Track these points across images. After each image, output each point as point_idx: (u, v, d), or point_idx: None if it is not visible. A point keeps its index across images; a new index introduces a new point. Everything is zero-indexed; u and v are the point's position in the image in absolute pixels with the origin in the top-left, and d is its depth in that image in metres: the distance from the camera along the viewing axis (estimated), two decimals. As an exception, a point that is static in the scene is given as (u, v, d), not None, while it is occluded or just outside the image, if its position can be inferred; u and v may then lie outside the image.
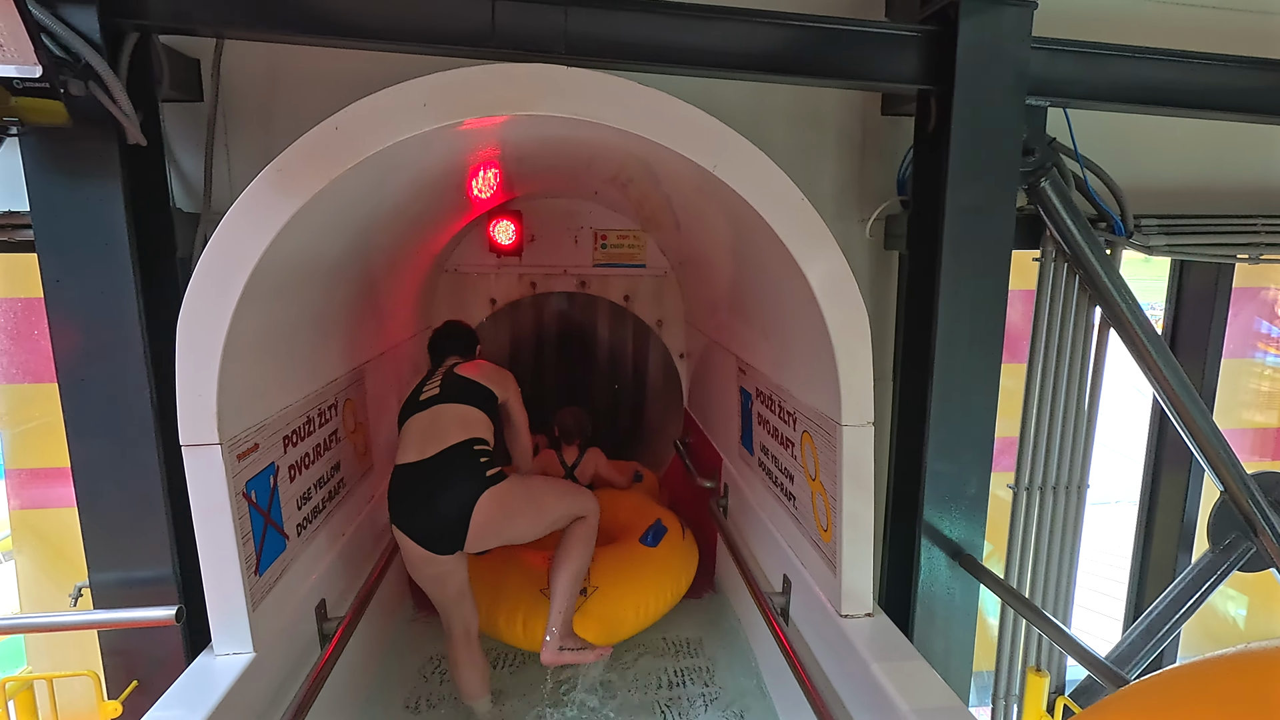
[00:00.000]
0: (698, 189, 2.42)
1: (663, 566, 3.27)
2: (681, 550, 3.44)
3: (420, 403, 2.82)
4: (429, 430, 2.70)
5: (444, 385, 2.87)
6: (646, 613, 3.14)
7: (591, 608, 3.00)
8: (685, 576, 3.38)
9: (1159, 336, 2.80)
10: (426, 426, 2.72)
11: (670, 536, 3.44)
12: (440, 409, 2.76)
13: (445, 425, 2.70)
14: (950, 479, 2.63)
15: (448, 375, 2.95)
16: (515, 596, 3.03)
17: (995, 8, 2.36)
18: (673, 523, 3.57)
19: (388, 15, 2.23)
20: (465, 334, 3.45)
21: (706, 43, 2.40)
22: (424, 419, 2.75)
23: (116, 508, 2.28)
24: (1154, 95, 2.63)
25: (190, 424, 1.96)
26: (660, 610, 3.22)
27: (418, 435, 2.71)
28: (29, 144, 2.07)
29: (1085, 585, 6.90)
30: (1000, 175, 2.48)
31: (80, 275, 2.17)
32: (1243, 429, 4.05)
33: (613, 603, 3.05)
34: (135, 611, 2.14)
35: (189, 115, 2.67)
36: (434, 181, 2.92)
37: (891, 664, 2.15)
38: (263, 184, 1.91)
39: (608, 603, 3.03)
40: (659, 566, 3.26)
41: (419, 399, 2.86)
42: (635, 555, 3.29)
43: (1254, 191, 3.35)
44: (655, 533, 3.41)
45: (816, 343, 2.29)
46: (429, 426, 2.71)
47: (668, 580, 3.25)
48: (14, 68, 1.87)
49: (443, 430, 2.69)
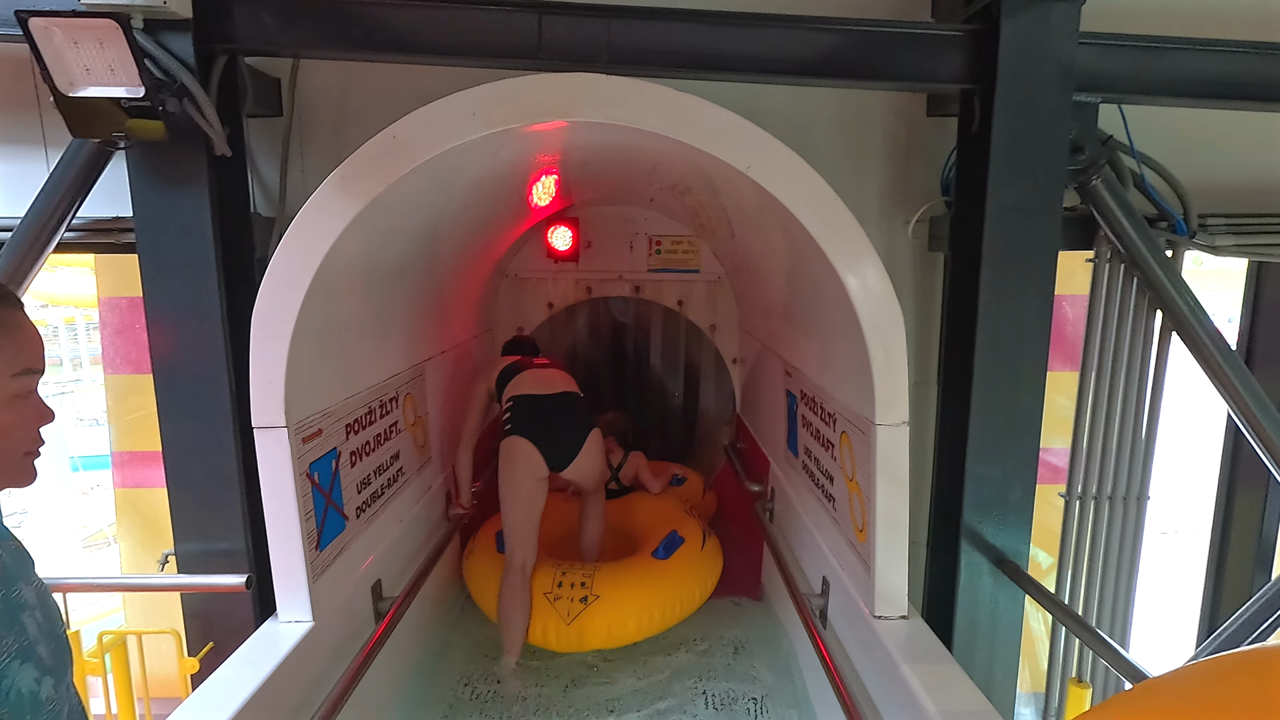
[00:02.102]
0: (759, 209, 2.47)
1: (671, 578, 3.29)
2: (697, 561, 3.44)
3: (535, 365, 3.52)
4: (543, 379, 3.41)
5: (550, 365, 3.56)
6: (650, 621, 3.17)
7: (592, 615, 3.08)
8: (699, 587, 3.38)
9: (1226, 343, 2.65)
10: (540, 377, 3.42)
11: (686, 547, 3.45)
12: (548, 369, 3.49)
13: (556, 379, 3.43)
14: (992, 483, 2.57)
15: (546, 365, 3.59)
16: None
17: (1039, 4, 2.33)
18: (693, 533, 3.56)
19: (444, 33, 2.41)
20: (531, 344, 4.10)
21: (748, 49, 2.47)
22: (536, 373, 3.45)
23: (199, 485, 2.52)
24: (1214, 89, 2.51)
25: (261, 408, 2.15)
26: (668, 620, 3.24)
27: (533, 380, 3.40)
28: (132, 157, 2.34)
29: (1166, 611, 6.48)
30: (1045, 174, 2.43)
31: (173, 274, 2.43)
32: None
33: (614, 612, 3.11)
34: (210, 577, 2.36)
35: (269, 129, 2.93)
36: (494, 189, 3.09)
37: (922, 666, 2.13)
38: (328, 189, 2.09)
39: (607, 612, 3.10)
40: (667, 578, 3.29)
41: (532, 363, 3.54)
42: (643, 567, 3.34)
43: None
44: (668, 545, 3.45)
45: (852, 342, 2.30)
46: (542, 377, 3.42)
47: (676, 592, 3.27)
48: (122, 89, 2.14)
49: (555, 381, 3.42)
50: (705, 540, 3.57)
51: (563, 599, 3.11)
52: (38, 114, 2.91)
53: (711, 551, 3.57)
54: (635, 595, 3.16)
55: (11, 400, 1.00)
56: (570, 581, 3.17)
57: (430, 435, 3.51)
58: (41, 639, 1.02)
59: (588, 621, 3.06)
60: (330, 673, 2.33)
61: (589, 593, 3.11)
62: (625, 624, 3.11)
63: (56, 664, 1.03)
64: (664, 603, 3.20)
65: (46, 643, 1.03)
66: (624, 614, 3.11)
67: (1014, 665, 2.72)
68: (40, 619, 1.04)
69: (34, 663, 0.99)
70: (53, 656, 1.03)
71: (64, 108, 2.15)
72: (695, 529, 3.61)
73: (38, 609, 1.05)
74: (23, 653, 0.98)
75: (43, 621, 1.04)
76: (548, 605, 3.11)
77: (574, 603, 3.09)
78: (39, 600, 1.07)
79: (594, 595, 3.11)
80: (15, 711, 0.94)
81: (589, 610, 3.07)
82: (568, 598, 3.11)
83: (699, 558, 3.46)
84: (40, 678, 0.99)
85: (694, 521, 3.69)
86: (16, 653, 0.97)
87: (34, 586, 1.07)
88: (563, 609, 3.08)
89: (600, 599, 3.10)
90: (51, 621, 1.06)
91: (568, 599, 3.11)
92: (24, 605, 1.02)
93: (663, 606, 3.20)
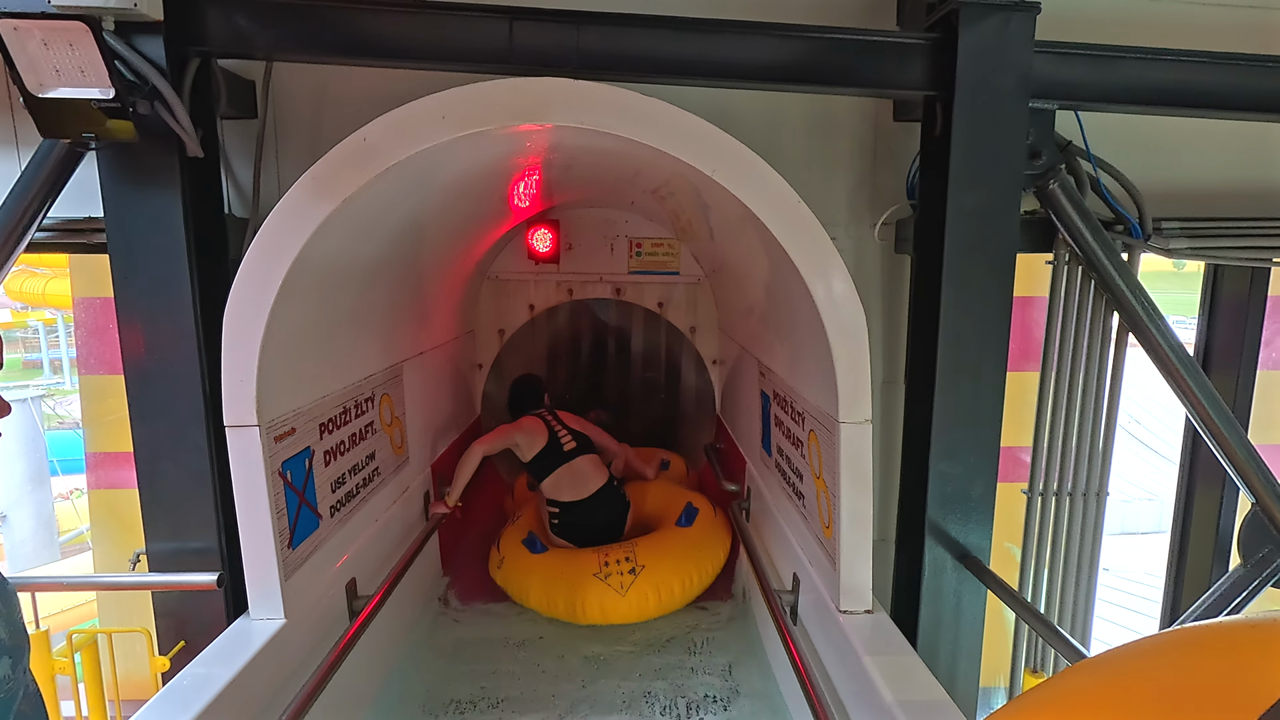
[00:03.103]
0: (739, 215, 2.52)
1: (699, 542, 3.60)
2: (715, 527, 3.74)
3: (565, 453, 3.85)
4: (577, 478, 3.81)
5: (575, 439, 3.91)
6: (691, 584, 3.46)
7: (642, 584, 3.31)
8: (722, 549, 3.67)
9: (1180, 343, 2.73)
10: (579, 474, 3.81)
11: (703, 516, 3.76)
12: (581, 462, 3.84)
13: (589, 472, 3.83)
14: (955, 480, 2.64)
15: (571, 431, 3.96)
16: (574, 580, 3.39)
17: (995, 13, 2.40)
18: (703, 504, 3.85)
19: (417, 37, 2.44)
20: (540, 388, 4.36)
21: (716, 55, 2.52)
22: (574, 469, 3.82)
23: (171, 483, 2.53)
24: (1165, 96, 2.60)
25: (233, 407, 2.18)
26: (704, 580, 3.54)
27: (571, 482, 3.80)
28: (104, 157, 2.35)
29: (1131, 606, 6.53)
30: (1003, 178, 2.50)
31: (144, 274, 2.44)
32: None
33: (660, 577, 3.36)
34: (181, 575, 2.37)
35: (244, 131, 2.95)
36: (471, 190, 3.12)
37: (883, 658, 2.18)
38: (299, 190, 2.12)
39: (655, 579, 3.34)
40: (696, 542, 3.60)
41: (562, 450, 3.86)
42: (674, 536, 3.64)
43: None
44: (688, 514, 3.75)
45: (818, 342, 2.35)
46: (577, 475, 3.81)
47: (706, 554, 3.58)
48: (93, 90, 2.15)
49: (588, 477, 3.81)
50: (716, 510, 3.87)
51: (613, 574, 3.34)
52: (9, 114, 2.91)
53: (721, 518, 3.84)
54: (676, 559, 3.47)
55: None
56: (615, 559, 3.41)
57: (408, 436, 3.53)
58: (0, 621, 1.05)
59: (639, 591, 3.31)
60: (302, 670, 2.34)
61: (635, 564, 3.37)
62: (672, 589, 3.38)
63: (14, 646, 1.06)
64: (699, 564, 3.50)
65: (4, 624, 1.05)
66: (670, 578, 3.38)
67: (977, 658, 2.78)
68: None
69: None
70: (10, 638, 1.05)
71: (34, 108, 2.16)
72: (704, 500, 3.92)
73: None
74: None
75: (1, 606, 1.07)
76: (599, 584, 3.32)
77: (624, 575, 3.33)
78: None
79: (640, 565, 3.36)
80: None
81: (639, 580, 3.32)
82: (617, 572, 3.34)
83: (715, 523, 3.76)
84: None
85: (699, 495, 3.99)
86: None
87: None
88: (615, 583, 3.31)
89: (646, 568, 3.36)
90: (9, 606, 1.09)
91: (618, 573, 3.34)
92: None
93: (699, 567, 3.49)
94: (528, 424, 3.96)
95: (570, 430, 3.96)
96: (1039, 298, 3.18)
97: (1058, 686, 1.07)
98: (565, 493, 3.78)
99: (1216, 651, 0.81)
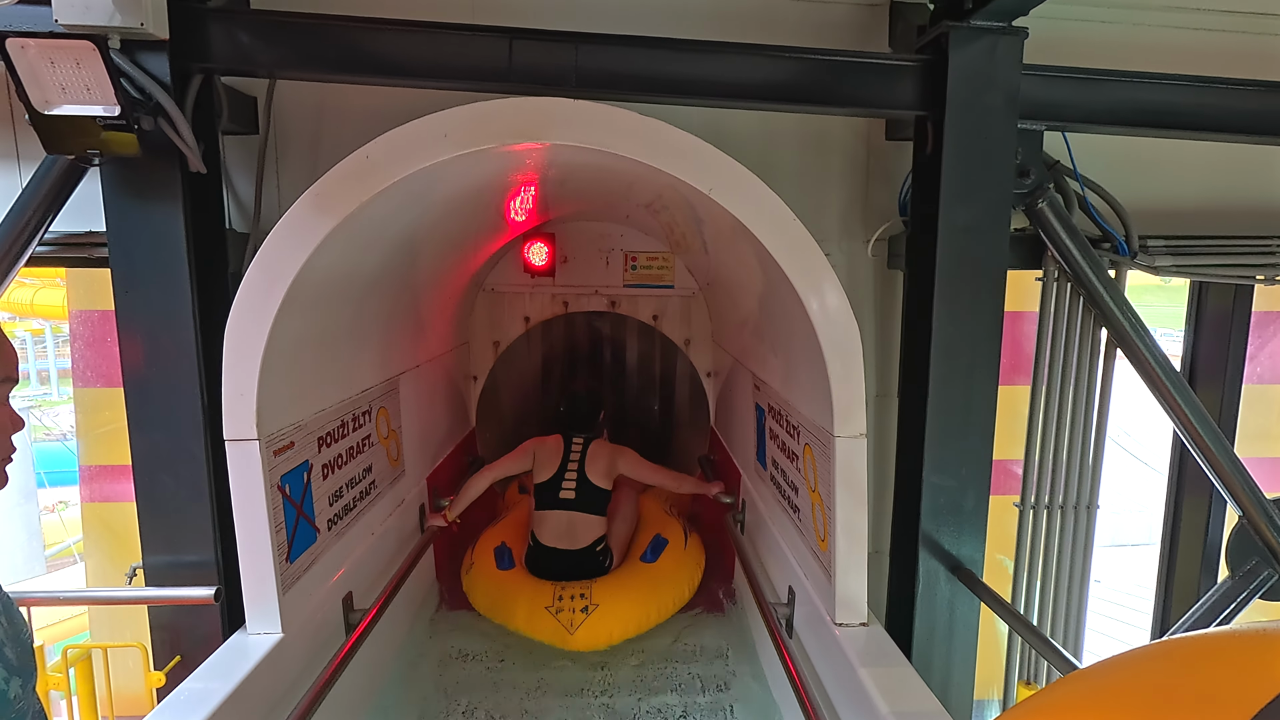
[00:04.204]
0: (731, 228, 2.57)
1: (661, 578, 3.52)
2: (683, 560, 3.66)
3: (559, 500, 3.59)
4: (567, 530, 3.56)
5: (579, 490, 3.60)
6: (647, 619, 3.38)
7: (593, 622, 3.23)
8: (687, 583, 3.60)
9: (1166, 358, 2.78)
10: (565, 526, 3.56)
11: (671, 548, 3.68)
12: (575, 516, 3.58)
13: (576, 530, 3.57)
14: (948, 492, 2.67)
15: (581, 478, 3.63)
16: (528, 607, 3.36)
17: (984, 36, 2.46)
18: (674, 534, 3.77)
19: (417, 56, 2.48)
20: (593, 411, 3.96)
21: (712, 75, 2.57)
22: (562, 519, 3.58)
23: (169, 496, 2.53)
24: (1149, 118, 2.67)
25: (233, 420, 2.18)
26: (662, 616, 3.44)
27: (554, 529, 3.57)
28: (106, 172, 2.37)
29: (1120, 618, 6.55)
30: (993, 196, 2.56)
31: (145, 287, 2.46)
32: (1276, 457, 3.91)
33: (615, 617, 3.28)
34: (179, 590, 2.36)
35: (245, 146, 2.97)
36: (469, 205, 3.15)
37: (878, 670, 2.20)
38: (302, 206, 2.14)
39: (608, 619, 3.27)
40: (657, 579, 3.51)
41: (558, 495, 3.59)
42: (635, 573, 3.57)
43: (1273, 213, 3.31)
44: (655, 547, 3.66)
45: (812, 356, 2.39)
46: (567, 526, 3.56)
47: (667, 590, 3.49)
48: (98, 108, 2.18)
49: (577, 534, 3.56)
50: (687, 539, 3.79)
51: (565, 610, 3.27)
52: (11, 129, 2.93)
53: (694, 548, 3.78)
54: (632, 600, 3.36)
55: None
56: (571, 594, 3.34)
57: (404, 448, 3.53)
58: (7, 641, 1.05)
59: (588, 629, 3.23)
60: (299, 684, 2.34)
61: (589, 603, 3.29)
62: (626, 627, 3.31)
63: (23, 666, 1.06)
64: (658, 602, 3.43)
65: (12, 646, 1.06)
66: (624, 619, 3.30)
67: (970, 669, 2.80)
68: (4, 623, 1.07)
69: (2, 663, 1.02)
70: (19, 659, 1.06)
71: (39, 125, 2.18)
72: (677, 529, 3.82)
73: (2, 614, 1.08)
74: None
75: (7, 625, 1.07)
76: (550, 617, 3.26)
77: (576, 613, 3.26)
78: (2, 607, 1.10)
79: (594, 605, 3.29)
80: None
81: (590, 619, 3.24)
82: (569, 609, 3.27)
83: (683, 556, 3.68)
84: (8, 678, 1.02)
85: (674, 522, 3.90)
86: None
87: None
88: (565, 620, 3.24)
89: (600, 607, 3.28)
90: (15, 626, 1.09)
91: (569, 610, 3.27)
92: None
93: (658, 605, 3.42)
94: (550, 445, 3.75)
95: (582, 477, 3.64)
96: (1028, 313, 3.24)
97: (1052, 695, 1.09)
98: (546, 535, 3.59)
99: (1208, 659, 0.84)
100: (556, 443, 3.76)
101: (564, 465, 3.67)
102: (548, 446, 3.75)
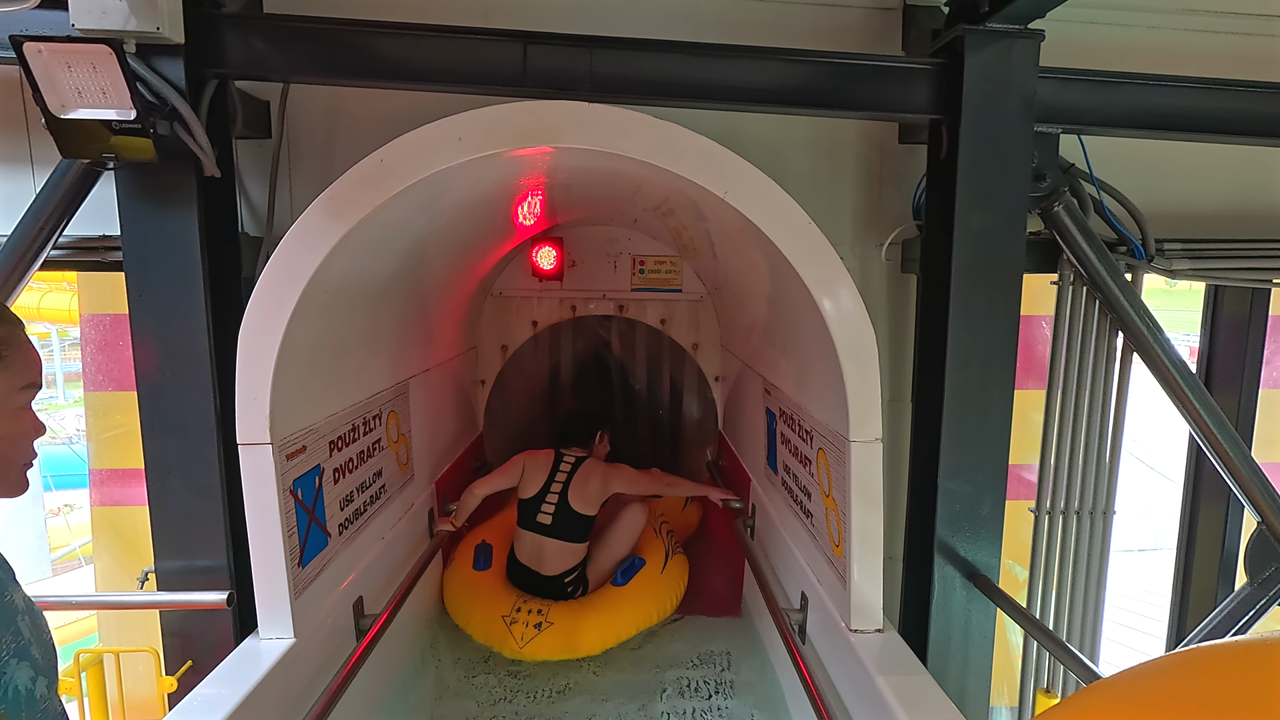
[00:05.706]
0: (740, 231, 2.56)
1: (626, 604, 3.43)
2: (656, 583, 3.54)
3: (535, 523, 3.51)
4: (540, 553, 3.49)
5: (556, 515, 3.51)
6: (604, 640, 3.30)
7: (544, 639, 3.21)
8: (657, 607, 3.48)
9: (1184, 361, 2.76)
10: (539, 549, 3.49)
11: (646, 570, 3.55)
12: (546, 543, 3.49)
13: (549, 558, 3.48)
14: (963, 499, 2.65)
15: (562, 503, 3.53)
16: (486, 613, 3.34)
17: (1000, 40, 2.45)
18: (655, 555, 3.64)
19: (432, 60, 2.48)
20: (588, 428, 3.90)
21: (725, 79, 2.56)
22: (536, 543, 3.50)
23: (181, 501, 2.53)
24: (1165, 121, 2.66)
25: (246, 425, 2.18)
26: (622, 636, 3.35)
27: (529, 550, 3.50)
28: (121, 176, 2.37)
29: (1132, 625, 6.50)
30: (1009, 200, 2.54)
31: (159, 291, 2.46)
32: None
33: (567, 635, 3.24)
34: (191, 594, 2.36)
35: (259, 151, 2.98)
36: (479, 209, 3.14)
37: (896, 677, 2.18)
38: (316, 210, 2.13)
39: (559, 636, 3.23)
40: (621, 605, 3.42)
41: (535, 517, 3.51)
42: (601, 596, 3.49)
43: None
44: (627, 570, 3.55)
45: (827, 361, 2.37)
46: (540, 550, 3.49)
47: (631, 613, 3.40)
48: (114, 112, 2.18)
49: (545, 561, 3.48)
50: (667, 561, 3.64)
51: (518, 623, 3.23)
52: (25, 133, 2.94)
53: (673, 571, 3.63)
54: (587, 623, 3.29)
55: (17, 412, 1.06)
56: (529, 608, 3.30)
57: (413, 452, 3.53)
58: (34, 641, 1.06)
59: (537, 645, 3.19)
60: (311, 690, 2.33)
61: (544, 620, 3.25)
62: (578, 646, 3.25)
63: (48, 665, 1.07)
64: (616, 626, 3.33)
65: (38, 646, 1.06)
66: (578, 637, 3.24)
67: (986, 676, 2.77)
68: (30, 623, 1.08)
69: (29, 662, 1.02)
70: (44, 658, 1.06)
71: (54, 129, 2.18)
72: (658, 550, 3.67)
73: (27, 614, 1.09)
74: (19, 652, 1.01)
75: (32, 626, 1.07)
76: (503, 626, 3.23)
77: (528, 628, 3.21)
78: (27, 606, 1.10)
79: (548, 623, 3.24)
80: (12, 708, 0.97)
81: (541, 636, 3.20)
82: (523, 623, 3.23)
83: (658, 580, 3.54)
84: (35, 677, 1.02)
85: (658, 541, 3.75)
86: (14, 652, 1.01)
87: (21, 593, 1.11)
88: (517, 633, 3.21)
89: (554, 626, 3.23)
90: (39, 627, 1.10)
91: (523, 624, 3.23)
92: (16, 609, 1.06)
93: (616, 629, 3.33)
94: (539, 461, 3.69)
95: (563, 501, 3.54)
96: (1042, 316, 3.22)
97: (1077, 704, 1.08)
98: (521, 552, 3.54)
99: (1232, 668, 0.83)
100: (546, 459, 3.69)
101: (548, 485, 3.58)
102: (537, 462, 3.68)
